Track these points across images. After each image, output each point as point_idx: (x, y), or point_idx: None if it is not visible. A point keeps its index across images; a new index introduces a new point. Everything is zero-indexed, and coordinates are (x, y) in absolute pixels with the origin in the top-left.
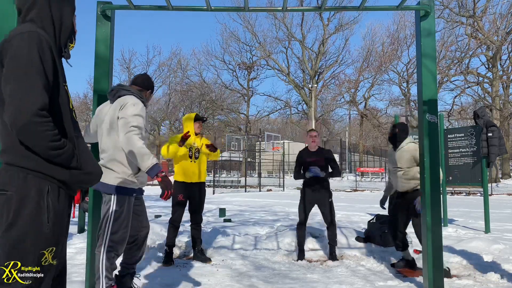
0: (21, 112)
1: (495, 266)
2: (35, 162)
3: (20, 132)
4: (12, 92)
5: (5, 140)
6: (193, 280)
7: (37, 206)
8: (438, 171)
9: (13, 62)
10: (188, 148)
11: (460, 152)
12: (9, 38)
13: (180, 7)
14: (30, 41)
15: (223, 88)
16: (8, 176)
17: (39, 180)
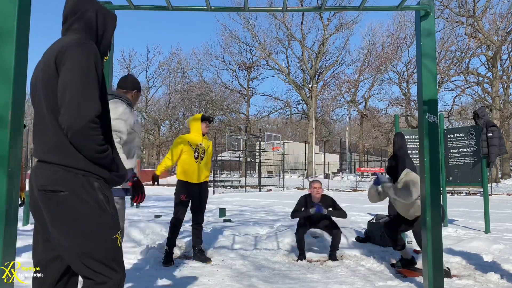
0: (79, 117)
1: (495, 266)
2: (84, 163)
3: (75, 135)
4: (71, 98)
5: (52, 141)
6: (193, 280)
7: (97, 201)
8: (438, 171)
9: (72, 71)
10: (194, 149)
11: (460, 152)
12: (65, 48)
13: (180, 7)
14: (88, 52)
15: (223, 88)
16: (59, 176)
17: (87, 178)
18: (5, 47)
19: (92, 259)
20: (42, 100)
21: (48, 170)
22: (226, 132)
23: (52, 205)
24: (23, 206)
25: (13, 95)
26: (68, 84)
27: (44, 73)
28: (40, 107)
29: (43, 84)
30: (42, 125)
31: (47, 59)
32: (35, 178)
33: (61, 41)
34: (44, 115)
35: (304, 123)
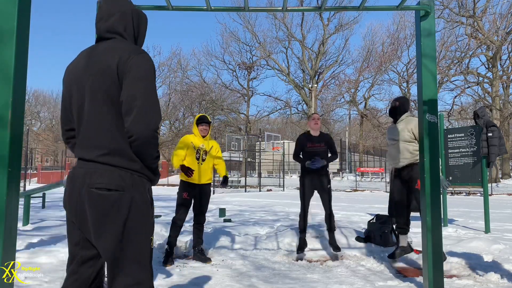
0: (149, 127)
1: (495, 266)
2: (139, 165)
3: (143, 142)
4: (140, 109)
5: (110, 144)
6: (193, 280)
7: (146, 202)
8: (438, 171)
9: (140, 81)
10: (196, 150)
11: (460, 152)
12: (127, 57)
13: (180, 7)
14: (150, 62)
15: (223, 88)
16: (120, 177)
17: (142, 180)
18: (5, 47)
19: (132, 260)
20: (99, 105)
21: (105, 170)
22: (226, 132)
23: (105, 203)
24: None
25: (13, 95)
26: (136, 94)
27: (104, 80)
28: (92, 112)
29: (103, 91)
30: (95, 129)
31: (105, 66)
32: (88, 177)
33: (115, 49)
34: (99, 120)
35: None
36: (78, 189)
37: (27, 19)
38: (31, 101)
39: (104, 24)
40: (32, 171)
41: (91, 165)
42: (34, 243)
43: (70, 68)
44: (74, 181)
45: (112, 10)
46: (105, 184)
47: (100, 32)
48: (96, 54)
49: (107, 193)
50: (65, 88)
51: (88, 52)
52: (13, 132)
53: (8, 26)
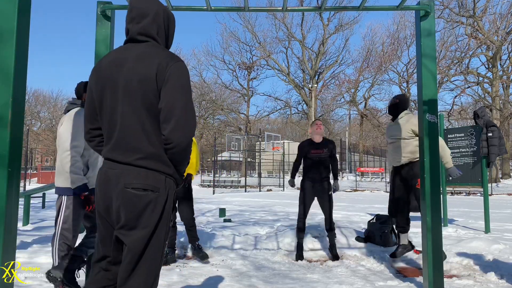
0: (186, 135)
1: (495, 266)
2: (173, 170)
3: (182, 150)
4: (179, 117)
5: (147, 148)
6: (193, 280)
7: (172, 203)
8: (438, 171)
9: (179, 90)
10: None
11: (460, 152)
12: (165, 65)
13: (180, 7)
14: (187, 71)
15: (223, 88)
16: (155, 179)
17: (172, 182)
18: (5, 47)
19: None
20: (134, 110)
21: (140, 172)
22: (226, 132)
23: (141, 203)
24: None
25: (13, 94)
26: (176, 102)
27: (143, 86)
28: (129, 116)
29: (139, 96)
30: (132, 133)
31: (144, 73)
32: (123, 177)
33: (153, 54)
34: (137, 125)
35: (304, 123)
36: (112, 189)
37: (27, 19)
38: (31, 101)
39: (137, 26)
40: (32, 171)
41: (127, 167)
42: (34, 243)
43: (103, 69)
44: (107, 181)
45: (145, 11)
46: (141, 185)
47: (132, 34)
48: (132, 59)
49: (143, 193)
50: (95, 89)
51: (122, 54)
52: (13, 132)
53: (8, 26)
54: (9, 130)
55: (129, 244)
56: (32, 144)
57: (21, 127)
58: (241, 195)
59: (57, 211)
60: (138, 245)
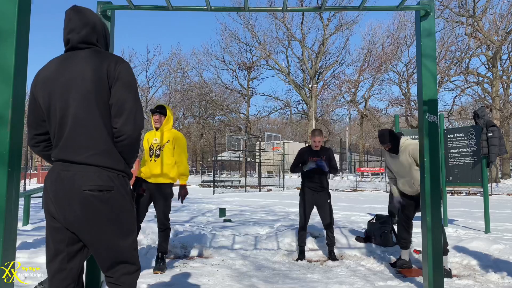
0: (138, 128)
1: (495, 266)
2: (123, 166)
3: (131, 142)
4: (129, 111)
5: (100, 144)
6: (193, 280)
7: (131, 198)
8: (438, 171)
9: (127, 87)
10: (149, 145)
11: (460, 152)
12: (113, 66)
13: (180, 7)
14: (132, 71)
15: (223, 88)
16: (108, 177)
17: (125, 178)
18: (5, 47)
19: (130, 249)
20: (87, 109)
21: (94, 172)
22: (226, 132)
23: (98, 203)
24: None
25: (13, 94)
26: (127, 98)
27: (95, 86)
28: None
29: (92, 96)
30: (84, 132)
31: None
32: (78, 179)
33: (100, 57)
34: (87, 123)
35: (304, 123)
36: (67, 190)
37: (27, 18)
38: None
39: (77, 36)
40: (32, 171)
41: (80, 167)
42: (34, 243)
43: (46, 76)
44: (61, 183)
45: (83, 22)
46: (97, 186)
47: (73, 43)
48: (78, 63)
49: (99, 194)
50: (40, 95)
51: (66, 60)
52: (13, 132)
53: (8, 26)
54: (9, 130)
55: (102, 247)
56: None
57: (21, 127)
58: (241, 195)
59: None
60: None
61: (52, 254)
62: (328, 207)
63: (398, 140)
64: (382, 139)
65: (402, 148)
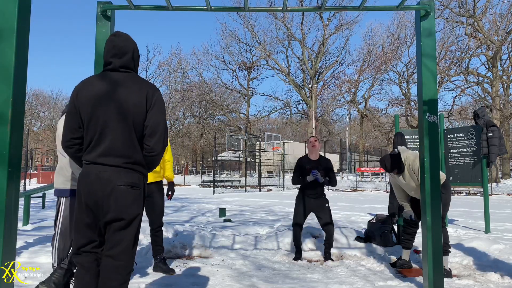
0: (165, 147)
1: (495, 266)
2: (145, 171)
3: (157, 157)
4: (161, 133)
5: (133, 154)
6: (193, 280)
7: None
8: (438, 171)
9: (161, 113)
10: None
11: (460, 152)
12: (152, 93)
13: (180, 7)
14: (162, 98)
15: (223, 88)
16: (137, 178)
17: (145, 180)
18: (6, 46)
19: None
20: (123, 125)
21: (129, 173)
22: (226, 132)
23: (130, 196)
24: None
25: (13, 93)
26: (160, 122)
27: (135, 109)
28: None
29: (132, 116)
30: (121, 143)
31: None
32: (115, 177)
33: (138, 83)
34: (123, 136)
35: (304, 123)
36: (104, 186)
37: (27, 18)
38: (31, 101)
39: (119, 61)
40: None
41: (117, 169)
42: (34, 243)
43: (90, 92)
44: (98, 181)
45: (125, 50)
46: (131, 183)
47: (115, 67)
48: (121, 86)
49: (131, 189)
50: (83, 108)
51: (108, 82)
52: (13, 132)
53: (8, 25)
54: (9, 129)
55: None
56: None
57: (21, 127)
58: (241, 195)
59: (57, 212)
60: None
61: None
62: (328, 210)
63: (400, 160)
64: (386, 168)
65: (405, 164)
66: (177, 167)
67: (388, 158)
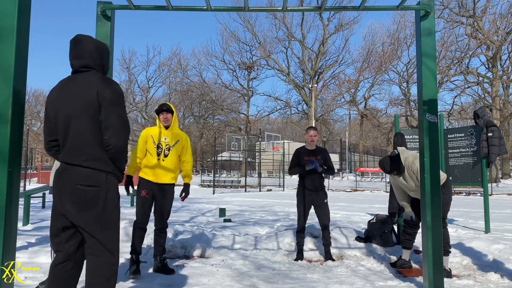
0: (123, 139)
1: (495, 266)
2: (112, 168)
3: (118, 152)
4: (117, 125)
5: (94, 151)
6: (193, 280)
7: (116, 195)
8: (438, 171)
9: (116, 105)
10: (156, 145)
11: (460, 152)
12: (105, 87)
13: (180, 7)
14: (118, 91)
15: (223, 88)
16: (96, 176)
17: (113, 179)
18: (6, 46)
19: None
20: (82, 123)
21: (87, 172)
22: (226, 132)
23: (86, 196)
24: None
25: (13, 93)
26: (112, 115)
27: (89, 105)
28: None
29: (85, 112)
30: (80, 141)
31: (89, 95)
32: (73, 176)
33: (95, 81)
34: (83, 134)
35: (304, 123)
36: (65, 185)
37: (27, 17)
38: (31, 101)
39: (78, 62)
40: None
41: (76, 168)
42: (34, 243)
43: (55, 94)
44: (62, 180)
45: (83, 51)
46: (87, 182)
47: (76, 68)
48: (77, 85)
49: (88, 188)
50: (50, 110)
51: (69, 82)
52: (14, 131)
53: (8, 25)
54: (9, 129)
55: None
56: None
57: (21, 126)
58: (241, 195)
59: None
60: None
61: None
62: (326, 207)
63: (400, 161)
64: (385, 170)
65: (404, 165)
66: None
67: (387, 160)
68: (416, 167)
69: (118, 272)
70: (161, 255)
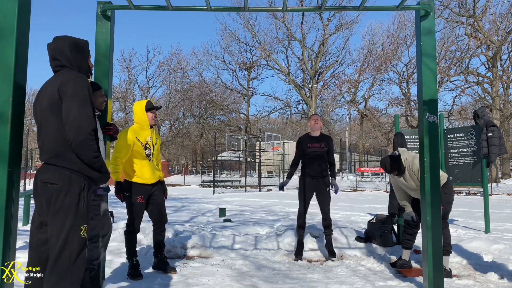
0: (82, 132)
1: (495, 266)
2: (78, 165)
3: (78, 145)
4: (74, 118)
5: (56, 148)
6: (193, 280)
7: (78, 196)
8: (438, 171)
9: (72, 97)
10: (144, 146)
11: (460, 152)
12: (64, 82)
13: (180, 7)
14: (82, 83)
15: (223, 88)
16: (58, 174)
17: (79, 178)
18: (6, 45)
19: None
20: (48, 120)
21: (50, 169)
22: (226, 132)
23: (49, 193)
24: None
25: (14, 92)
26: (71, 107)
27: (51, 101)
28: (45, 126)
29: (49, 109)
30: (46, 138)
31: (51, 91)
32: (39, 174)
33: (59, 77)
34: (49, 132)
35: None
36: (35, 183)
37: (27, 17)
38: (31, 101)
39: (53, 63)
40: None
41: (43, 166)
42: None
43: (35, 100)
44: (35, 178)
45: (55, 51)
46: (49, 179)
47: (53, 69)
48: (49, 85)
49: (50, 186)
50: (33, 115)
51: (44, 85)
52: (14, 131)
53: (8, 24)
54: (10, 129)
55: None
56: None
57: (22, 126)
58: (241, 195)
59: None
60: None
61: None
62: (328, 195)
63: (400, 161)
64: (386, 169)
65: (405, 165)
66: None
67: (388, 160)
68: (416, 167)
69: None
70: (162, 253)
